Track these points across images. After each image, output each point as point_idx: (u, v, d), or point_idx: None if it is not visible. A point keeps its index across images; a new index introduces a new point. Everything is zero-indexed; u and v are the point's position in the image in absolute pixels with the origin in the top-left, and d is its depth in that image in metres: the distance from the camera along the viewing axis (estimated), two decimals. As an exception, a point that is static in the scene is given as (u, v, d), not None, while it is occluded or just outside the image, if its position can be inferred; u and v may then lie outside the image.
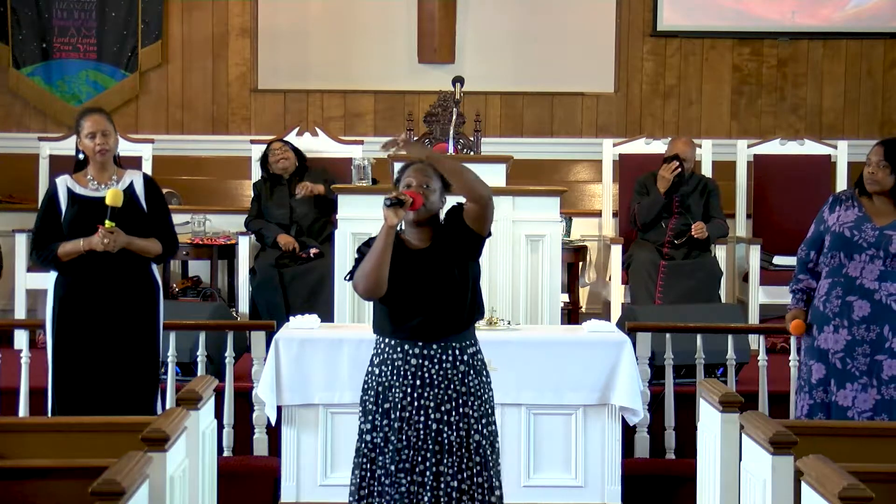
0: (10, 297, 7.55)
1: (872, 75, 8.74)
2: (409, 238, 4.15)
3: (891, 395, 4.86)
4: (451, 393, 4.09)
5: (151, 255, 5.05)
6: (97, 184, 5.03)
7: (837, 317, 4.91)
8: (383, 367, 4.12)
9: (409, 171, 4.13)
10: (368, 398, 4.15)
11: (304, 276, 7.06)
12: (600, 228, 7.99)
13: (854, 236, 4.92)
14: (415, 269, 4.07)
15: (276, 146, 7.43)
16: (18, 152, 8.24)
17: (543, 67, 8.63)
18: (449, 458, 4.06)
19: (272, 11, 8.66)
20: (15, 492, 3.51)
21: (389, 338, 4.12)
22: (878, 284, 4.89)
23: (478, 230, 4.11)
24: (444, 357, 4.10)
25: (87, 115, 5.10)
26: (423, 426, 4.06)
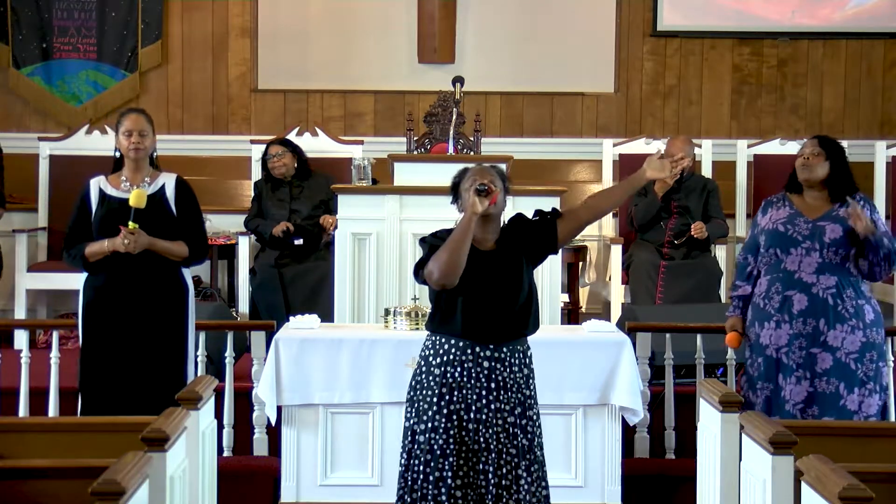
0: (10, 297, 7.56)
1: (872, 75, 8.74)
2: (476, 237, 4.16)
3: (823, 389, 4.89)
4: (520, 396, 4.15)
5: (177, 258, 5.04)
6: (129, 185, 5.04)
7: (778, 312, 4.96)
8: (448, 368, 4.12)
9: (473, 171, 4.18)
10: (424, 398, 4.14)
11: (304, 276, 7.06)
12: (600, 228, 7.99)
13: (788, 230, 4.98)
14: (485, 268, 4.12)
15: (273, 150, 7.37)
16: (18, 152, 8.22)
17: (543, 67, 8.63)
18: (524, 461, 4.12)
19: (272, 11, 8.66)
20: (15, 492, 3.51)
21: (456, 338, 4.13)
22: (815, 278, 4.93)
23: (563, 239, 4.24)
24: (512, 360, 4.15)
25: (128, 113, 5.14)
26: (502, 429, 4.10)
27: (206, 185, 8.44)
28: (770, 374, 4.97)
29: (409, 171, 6.31)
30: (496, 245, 4.20)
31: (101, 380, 4.98)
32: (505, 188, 4.22)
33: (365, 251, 6.13)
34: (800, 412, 4.89)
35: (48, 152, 7.73)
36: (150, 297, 4.99)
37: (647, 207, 7.33)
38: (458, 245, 4.03)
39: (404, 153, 6.61)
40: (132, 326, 4.97)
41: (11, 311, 7.53)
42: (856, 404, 4.90)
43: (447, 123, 6.54)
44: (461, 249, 4.03)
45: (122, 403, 4.88)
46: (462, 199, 4.16)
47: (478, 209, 4.04)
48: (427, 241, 4.18)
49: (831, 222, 4.95)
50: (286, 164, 7.34)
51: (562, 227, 4.23)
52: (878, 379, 4.95)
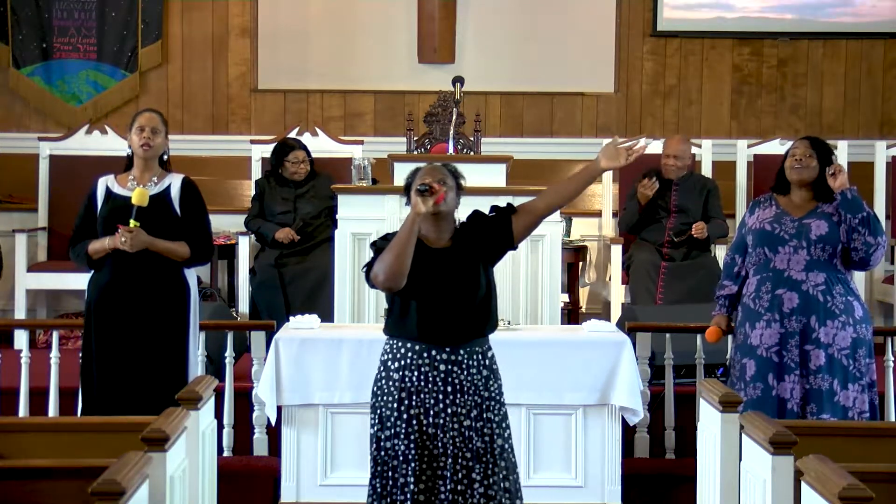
0: (10, 297, 7.55)
1: (872, 75, 8.74)
2: (428, 236, 4.13)
3: (819, 385, 4.91)
4: (476, 398, 4.08)
5: (178, 258, 5.04)
6: (136, 183, 5.04)
7: (768, 311, 4.98)
8: (406, 373, 4.07)
9: (423, 171, 4.14)
10: (385, 404, 4.10)
11: (304, 276, 7.05)
12: (600, 228, 7.99)
13: (775, 229, 5.01)
14: (438, 269, 4.06)
15: (299, 156, 7.31)
16: (18, 152, 8.24)
17: (543, 67, 8.63)
18: (478, 465, 4.05)
19: (272, 11, 8.66)
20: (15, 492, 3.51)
21: (412, 342, 4.08)
22: (805, 275, 4.96)
23: (519, 234, 4.15)
24: (470, 362, 4.09)
25: (143, 112, 5.17)
26: (457, 433, 4.05)
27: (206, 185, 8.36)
28: (762, 375, 4.97)
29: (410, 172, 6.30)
30: (450, 243, 4.14)
31: (101, 379, 4.98)
32: (458, 186, 4.16)
33: (365, 251, 6.11)
34: (801, 410, 4.91)
35: (48, 152, 7.73)
36: (151, 297, 4.99)
37: (629, 216, 7.38)
38: (402, 246, 3.96)
39: (404, 153, 6.61)
40: (133, 326, 4.97)
41: (11, 311, 7.53)
42: (850, 400, 4.93)
43: (447, 123, 6.54)
44: (405, 251, 3.96)
45: (123, 403, 4.88)
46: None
47: (420, 209, 3.99)
48: (375, 244, 4.14)
49: (816, 219, 5.00)
50: (304, 171, 7.33)
51: (517, 223, 4.15)
52: (869, 375, 4.99)
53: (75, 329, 6.78)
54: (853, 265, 5.04)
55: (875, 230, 4.94)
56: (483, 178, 6.21)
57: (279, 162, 7.34)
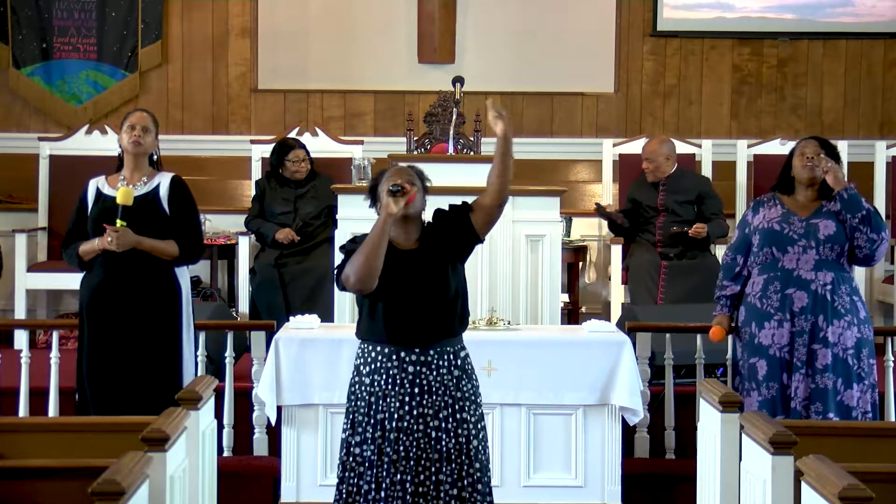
0: (10, 297, 7.55)
1: (872, 75, 8.74)
2: (396, 238, 4.12)
3: (825, 385, 4.92)
4: (447, 399, 4.06)
5: (167, 257, 5.03)
6: (125, 184, 5.04)
7: (779, 311, 4.98)
8: (375, 377, 4.06)
9: (389, 173, 4.12)
10: (357, 409, 4.09)
11: (304, 276, 7.05)
12: (600, 228, 7.99)
13: (783, 229, 5.01)
14: (406, 270, 4.05)
15: (299, 155, 7.34)
16: (18, 152, 8.24)
17: (543, 67, 8.63)
18: (448, 466, 4.03)
19: (272, 11, 8.66)
20: (15, 492, 3.51)
21: (382, 345, 4.07)
22: (814, 275, 4.96)
23: (480, 230, 4.13)
24: (440, 362, 4.07)
25: (134, 111, 5.18)
26: (423, 434, 4.02)
27: (206, 185, 8.45)
28: (775, 374, 4.97)
29: (409, 171, 6.30)
30: (418, 244, 4.13)
31: (96, 379, 4.97)
32: (424, 188, 4.16)
33: (365, 251, 6.12)
34: (804, 409, 4.91)
35: (48, 152, 7.73)
36: (142, 296, 4.98)
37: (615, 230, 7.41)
38: (374, 248, 3.96)
39: (404, 153, 6.60)
40: (125, 326, 4.96)
41: (11, 311, 7.53)
42: (854, 400, 4.94)
43: (447, 123, 6.54)
44: (376, 252, 3.96)
45: (118, 403, 4.88)
46: (381, 201, 4.08)
47: (392, 210, 3.98)
48: (345, 247, 4.13)
49: (823, 219, 5.01)
50: (304, 170, 7.33)
51: (475, 218, 4.13)
52: (873, 375, 5.01)
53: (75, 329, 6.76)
54: (858, 261, 5.07)
55: (876, 226, 4.95)
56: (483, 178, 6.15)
57: (279, 162, 7.33)
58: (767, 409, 4.93)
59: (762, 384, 5.00)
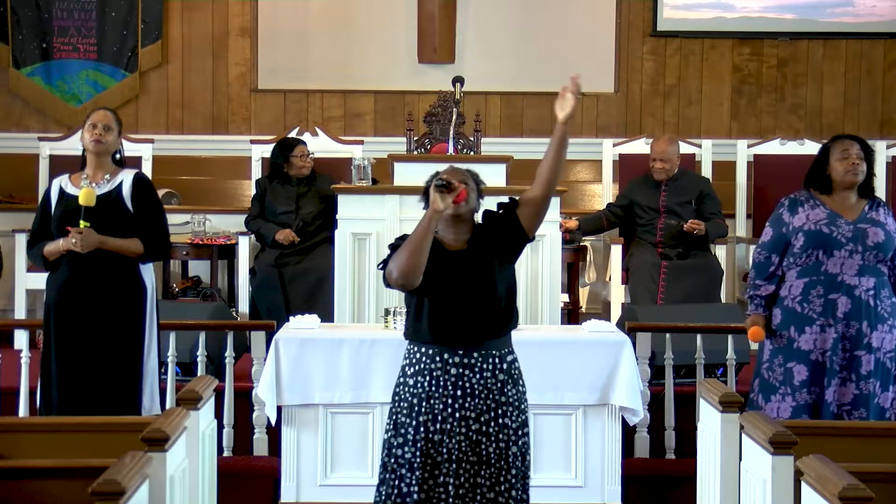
0: (10, 297, 7.55)
1: (872, 75, 8.74)
2: (446, 238, 4.07)
3: (868, 390, 4.88)
4: (490, 403, 4.01)
5: (132, 255, 5.02)
6: (88, 182, 5.03)
7: (822, 316, 4.91)
8: (419, 378, 4.02)
9: (444, 171, 4.06)
10: (401, 410, 4.05)
11: (304, 276, 7.05)
12: (600, 228, 7.99)
13: (832, 232, 4.94)
14: (454, 271, 4.00)
15: (304, 150, 7.33)
16: (18, 152, 8.24)
17: (543, 67, 8.62)
18: (486, 470, 3.99)
19: (272, 11, 8.66)
20: (15, 492, 3.51)
21: (427, 346, 4.03)
22: (857, 280, 4.91)
23: (529, 227, 4.05)
24: (484, 365, 4.02)
25: (96, 110, 5.17)
26: (464, 437, 3.98)
27: (206, 185, 8.46)
28: (816, 379, 4.91)
29: (409, 171, 6.31)
30: (466, 245, 4.07)
31: (63, 379, 4.96)
32: (478, 190, 4.11)
33: (365, 251, 6.13)
34: (846, 414, 4.87)
35: (48, 152, 7.73)
36: (106, 295, 4.97)
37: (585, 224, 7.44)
38: (418, 244, 3.90)
39: (404, 153, 6.61)
40: (89, 324, 4.95)
41: (11, 311, 7.53)
42: (888, 401, 4.91)
43: (447, 123, 6.54)
44: (421, 249, 3.90)
45: (78, 402, 4.88)
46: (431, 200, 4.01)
47: (438, 206, 3.92)
48: (393, 244, 4.08)
49: (871, 225, 4.95)
50: (309, 166, 7.33)
51: (522, 214, 4.06)
52: None
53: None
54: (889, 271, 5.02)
55: None
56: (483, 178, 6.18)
57: (285, 159, 7.33)
58: (806, 414, 4.87)
59: (799, 389, 4.93)
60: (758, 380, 5.09)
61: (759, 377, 5.08)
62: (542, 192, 4.07)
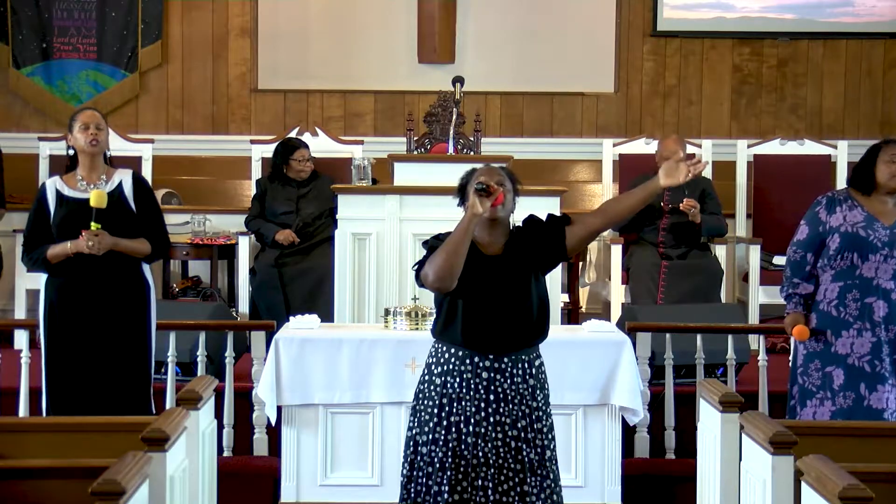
0: (10, 297, 7.56)
1: (872, 75, 8.74)
2: (482, 242, 4.03)
3: None
4: (524, 409, 4.00)
5: (140, 256, 5.03)
6: (86, 184, 5.03)
7: (858, 320, 4.88)
8: (448, 378, 3.99)
9: (480, 171, 4.02)
10: (426, 408, 4.02)
11: (304, 276, 7.05)
12: (600, 228, 7.98)
13: (869, 236, 4.89)
14: (489, 276, 3.97)
15: (304, 154, 7.33)
16: (18, 152, 8.22)
17: (543, 67, 8.63)
18: (532, 478, 3.98)
19: (272, 11, 8.66)
20: (15, 492, 3.51)
21: (456, 348, 3.99)
22: (893, 284, 4.89)
23: (572, 248, 4.09)
24: (514, 371, 4.00)
25: (81, 111, 5.17)
26: (502, 444, 3.96)
27: (206, 185, 8.46)
28: (853, 384, 4.88)
29: (409, 171, 6.32)
30: (503, 250, 4.04)
31: (66, 380, 4.97)
32: (515, 190, 4.07)
33: (365, 251, 6.13)
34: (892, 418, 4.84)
35: (48, 152, 7.72)
36: (111, 296, 4.98)
37: None
38: (456, 248, 3.86)
39: (404, 153, 6.61)
40: (94, 325, 4.95)
41: (11, 311, 7.54)
42: None
43: (447, 123, 6.54)
44: (458, 252, 3.86)
45: (87, 403, 4.88)
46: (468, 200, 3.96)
47: (478, 210, 3.87)
48: (429, 243, 4.03)
49: None
50: (309, 169, 7.33)
51: (571, 235, 4.06)
52: None
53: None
54: None
55: None
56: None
57: (284, 161, 7.33)
58: (842, 418, 4.84)
59: (838, 393, 4.90)
60: (796, 386, 5.04)
61: (796, 383, 5.04)
62: (601, 226, 4.18)
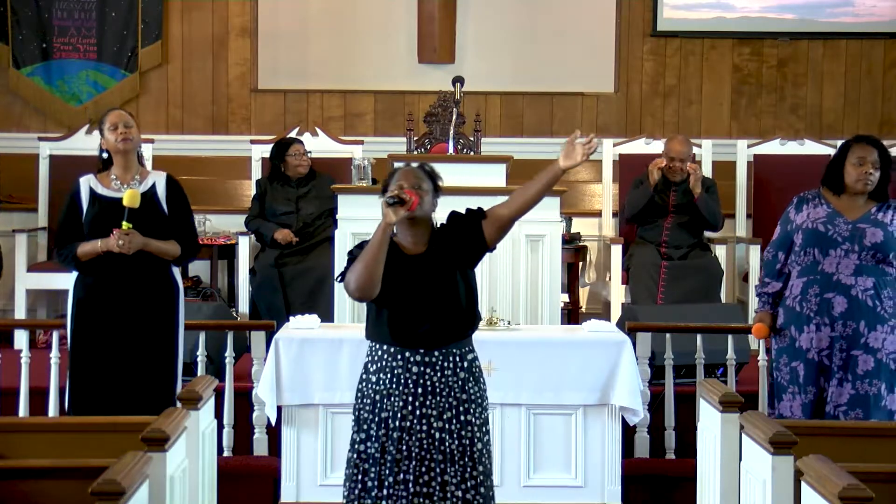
0: (10, 297, 7.55)
1: (872, 75, 8.74)
2: (403, 242, 4.09)
3: (865, 391, 4.87)
4: (451, 401, 4.04)
5: (170, 258, 5.04)
6: (119, 183, 5.04)
7: (817, 315, 4.91)
8: (381, 375, 4.06)
9: (398, 174, 4.08)
10: (363, 406, 4.09)
11: (304, 276, 7.06)
12: (600, 228, 7.99)
13: (828, 231, 4.92)
14: (413, 274, 4.03)
15: (299, 149, 7.36)
16: (18, 152, 8.24)
17: (543, 67, 8.63)
18: (452, 468, 4.02)
19: (272, 11, 8.66)
20: (15, 492, 3.51)
21: (388, 345, 4.06)
22: (854, 280, 4.89)
23: (491, 240, 4.10)
24: (445, 364, 4.05)
25: (110, 111, 5.16)
26: (426, 435, 4.01)
27: (205, 185, 8.45)
28: (813, 378, 4.92)
29: (409, 171, 6.30)
30: (426, 248, 4.09)
31: (90, 378, 4.97)
32: (435, 189, 4.11)
33: (365, 251, 6.12)
34: (842, 414, 4.85)
35: (48, 152, 7.73)
36: (140, 295, 4.98)
37: (639, 197, 7.34)
38: (373, 256, 3.92)
39: (404, 153, 6.61)
40: (123, 325, 4.96)
41: (11, 311, 7.53)
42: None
43: (447, 123, 6.54)
44: (376, 260, 3.92)
45: (112, 402, 4.88)
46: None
47: (391, 219, 3.93)
48: (352, 252, 4.10)
49: (871, 225, 4.92)
50: (307, 165, 7.34)
51: (487, 228, 4.10)
52: None
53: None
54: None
55: None
56: (483, 178, 6.21)
57: (281, 159, 7.34)
58: (808, 414, 4.87)
59: (804, 387, 4.93)
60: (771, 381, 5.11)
61: (772, 378, 5.10)
62: (511, 215, 4.13)
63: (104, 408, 4.86)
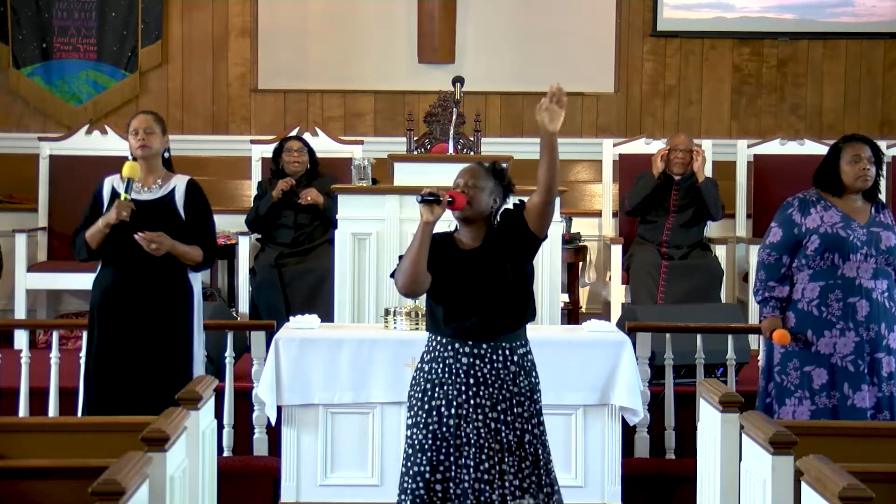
0: (10, 297, 7.55)
1: (872, 75, 8.74)
2: (462, 238, 4.18)
3: (890, 392, 4.87)
4: (504, 393, 4.12)
5: (191, 262, 5.06)
6: (140, 186, 5.05)
7: (841, 320, 4.89)
8: (433, 365, 4.14)
9: (461, 171, 4.17)
10: (415, 394, 4.18)
11: (304, 276, 7.06)
12: (600, 228, 7.99)
13: (849, 236, 4.91)
14: (467, 268, 4.11)
15: (294, 146, 7.38)
16: (18, 152, 8.24)
17: (543, 67, 8.62)
18: (510, 458, 4.10)
19: (272, 11, 8.66)
20: (15, 492, 3.51)
21: (441, 336, 4.14)
22: (873, 283, 4.90)
23: (536, 229, 4.14)
24: (494, 357, 4.13)
25: (136, 115, 5.19)
26: (483, 424, 4.09)
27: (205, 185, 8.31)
28: (838, 383, 4.89)
29: (409, 171, 6.31)
30: (481, 243, 4.16)
31: (105, 381, 4.98)
32: (504, 187, 4.20)
33: (365, 251, 6.13)
34: (871, 419, 4.85)
35: (48, 152, 7.73)
36: (156, 299, 5.00)
37: (642, 187, 7.35)
38: (415, 254, 4.02)
39: (404, 153, 6.61)
40: (138, 328, 4.97)
41: (11, 311, 7.53)
42: None
43: (447, 123, 6.54)
44: (418, 258, 4.01)
45: (127, 406, 4.88)
46: None
47: (427, 218, 4.01)
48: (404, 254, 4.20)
49: (884, 229, 4.95)
50: (301, 163, 7.35)
51: (528, 216, 4.15)
52: None
53: (75, 329, 6.78)
54: None
55: None
56: (483, 178, 6.19)
57: (278, 157, 7.37)
58: (825, 418, 4.84)
59: (818, 393, 4.91)
60: (772, 384, 5.05)
61: (772, 381, 5.04)
62: (542, 199, 4.15)
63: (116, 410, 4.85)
